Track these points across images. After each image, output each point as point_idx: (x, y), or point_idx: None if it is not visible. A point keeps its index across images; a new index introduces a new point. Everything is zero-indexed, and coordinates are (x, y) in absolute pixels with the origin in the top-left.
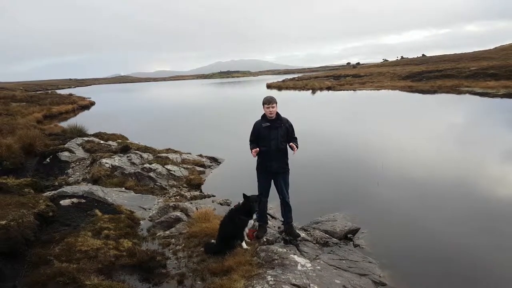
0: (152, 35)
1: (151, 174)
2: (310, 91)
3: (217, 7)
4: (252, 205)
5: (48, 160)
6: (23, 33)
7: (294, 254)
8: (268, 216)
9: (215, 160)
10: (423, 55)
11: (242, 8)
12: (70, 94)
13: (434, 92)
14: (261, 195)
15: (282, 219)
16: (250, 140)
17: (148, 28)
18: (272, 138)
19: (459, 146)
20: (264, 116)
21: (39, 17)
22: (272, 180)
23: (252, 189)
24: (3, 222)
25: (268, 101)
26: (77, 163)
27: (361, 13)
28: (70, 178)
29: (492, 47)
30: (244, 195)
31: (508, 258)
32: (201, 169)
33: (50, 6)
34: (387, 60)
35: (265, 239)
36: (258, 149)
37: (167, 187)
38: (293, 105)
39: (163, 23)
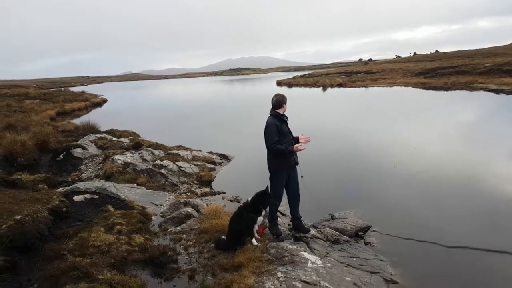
0: (162, 34)
1: (163, 170)
2: (321, 88)
3: (226, 5)
4: (267, 200)
5: (61, 156)
6: (37, 34)
7: (305, 251)
8: (278, 213)
9: (225, 157)
10: (436, 51)
11: (252, 5)
12: (83, 92)
13: (447, 88)
14: (277, 195)
15: (291, 215)
16: (277, 141)
17: (158, 27)
18: (290, 132)
19: (473, 144)
20: (277, 113)
21: (52, 18)
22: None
23: (262, 186)
24: (18, 217)
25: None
26: (90, 160)
27: (371, 9)
28: (83, 174)
29: (506, 43)
30: (257, 193)
31: None
32: (211, 166)
33: (63, 8)
34: (399, 56)
35: (275, 236)
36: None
37: (178, 184)
38: (304, 102)
39: (172, 22)
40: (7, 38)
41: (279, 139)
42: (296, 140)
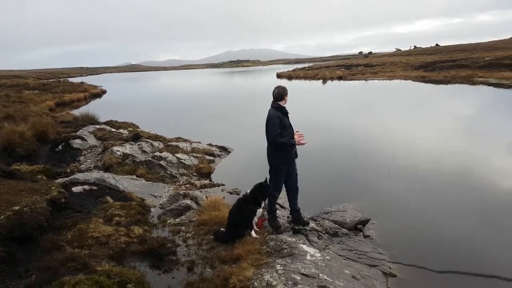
0: (162, 25)
1: (162, 162)
2: (321, 80)
3: None
4: (266, 192)
5: (60, 147)
6: (35, 23)
7: (303, 244)
8: (277, 206)
9: (224, 149)
10: (436, 44)
11: None
12: (82, 83)
13: (447, 82)
14: (277, 187)
15: (290, 207)
16: (279, 134)
17: (158, 18)
18: (290, 125)
19: (473, 137)
20: (279, 105)
21: (50, 7)
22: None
23: (261, 178)
24: (17, 208)
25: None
26: (89, 151)
27: (372, 2)
28: (82, 165)
29: (506, 37)
30: (255, 185)
31: None
32: (211, 158)
33: None
34: (399, 50)
35: (274, 228)
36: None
37: (177, 176)
38: (303, 95)
39: (173, 13)
40: (5, 26)
41: (281, 132)
42: None
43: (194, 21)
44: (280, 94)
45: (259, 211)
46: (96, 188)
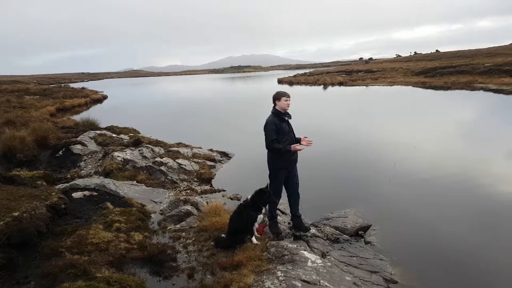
0: (164, 30)
1: (162, 168)
2: (322, 86)
3: (227, 2)
4: (267, 198)
5: (60, 153)
6: (35, 27)
7: (304, 250)
8: (278, 212)
9: (225, 155)
10: (436, 50)
11: (253, 3)
12: (83, 88)
13: (447, 88)
14: (277, 192)
15: (291, 214)
16: (274, 140)
17: (160, 23)
18: (291, 130)
19: (473, 143)
20: (278, 111)
21: (51, 11)
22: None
23: (262, 184)
24: (16, 214)
25: (287, 95)
26: (89, 156)
27: (372, 7)
28: (82, 171)
29: (506, 43)
30: (256, 191)
31: None
32: (212, 163)
33: (63, 1)
34: (400, 56)
35: (274, 235)
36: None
37: (178, 181)
38: (304, 100)
39: (174, 18)
40: (6, 31)
41: (277, 138)
42: (298, 141)
43: (196, 26)
44: (272, 98)
45: (260, 217)
46: (96, 194)
